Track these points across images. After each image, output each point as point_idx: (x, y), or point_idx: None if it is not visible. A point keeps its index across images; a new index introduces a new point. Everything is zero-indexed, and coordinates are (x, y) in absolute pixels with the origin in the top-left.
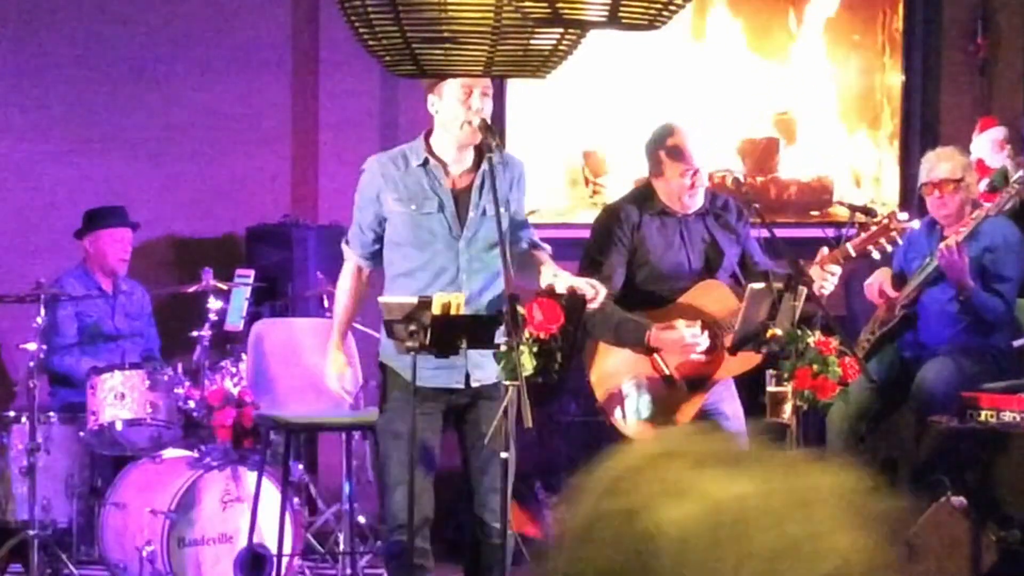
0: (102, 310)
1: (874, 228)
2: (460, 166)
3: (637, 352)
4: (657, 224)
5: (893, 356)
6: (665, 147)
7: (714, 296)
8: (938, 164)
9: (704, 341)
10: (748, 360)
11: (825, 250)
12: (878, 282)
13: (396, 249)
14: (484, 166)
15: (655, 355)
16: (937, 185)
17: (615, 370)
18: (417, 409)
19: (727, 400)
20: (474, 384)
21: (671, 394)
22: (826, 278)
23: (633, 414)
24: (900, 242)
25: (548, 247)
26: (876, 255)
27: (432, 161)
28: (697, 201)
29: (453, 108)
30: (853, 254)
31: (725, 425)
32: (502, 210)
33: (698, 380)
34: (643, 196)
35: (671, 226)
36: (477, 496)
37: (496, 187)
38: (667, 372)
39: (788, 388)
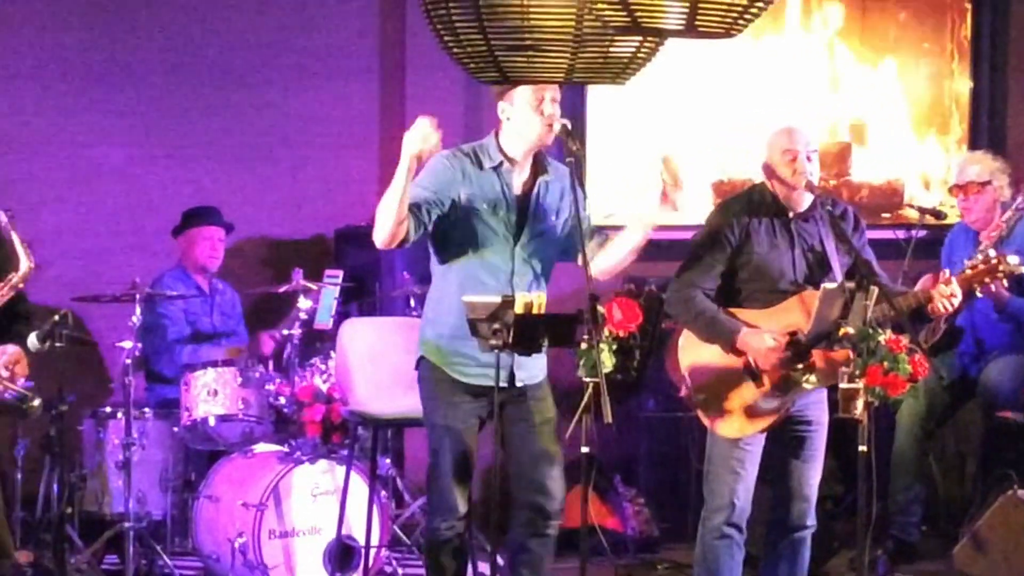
0: (200, 309)
1: (981, 267)
2: (523, 172)
3: (725, 351)
4: (766, 225)
5: (956, 356)
6: (773, 141)
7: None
8: (967, 167)
9: (783, 359)
10: (835, 372)
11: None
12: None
13: (454, 245)
14: (542, 175)
15: (747, 355)
16: (963, 188)
17: (706, 365)
18: (461, 405)
19: (814, 406)
20: (518, 384)
21: (759, 394)
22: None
23: None
24: (1006, 284)
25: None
26: (979, 293)
27: (505, 164)
28: (807, 198)
29: (526, 114)
30: (957, 291)
31: (807, 433)
32: (562, 218)
33: (787, 384)
34: (755, 197)
35: (780, 228)
36: (530, 481)
37: (576, 190)
38: (758, 373)
39: (860, 385)
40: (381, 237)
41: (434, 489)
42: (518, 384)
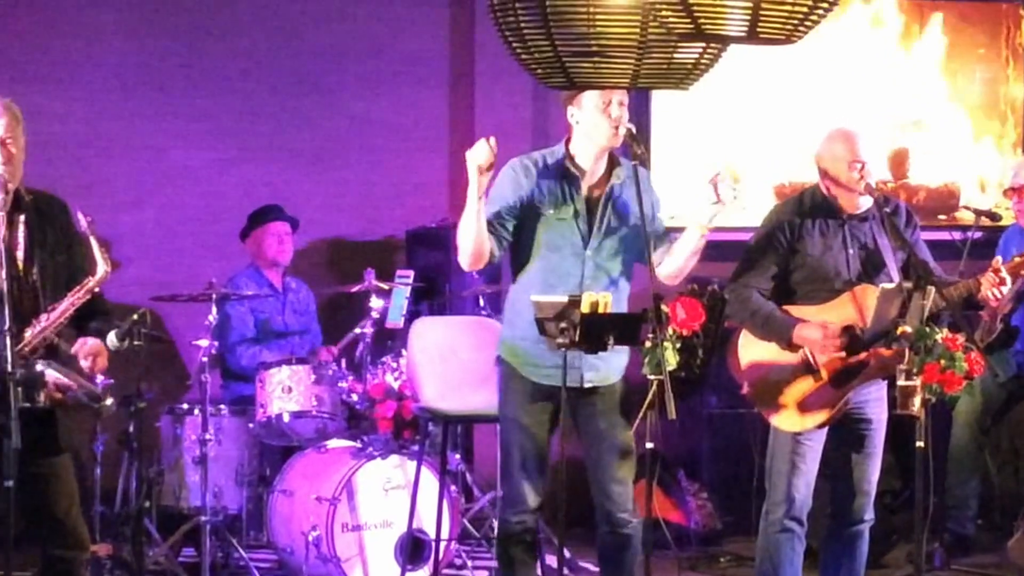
0: (272, 307)
1: None
2: (594, 177)
3: (782, 347)
4: (820, 226)
5: (1011, 354)
6: (834, 148)
7: (869, 302)
8: (1021, 170)
9: (838, 346)
10: (892, 364)
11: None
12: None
13: (526, 250)
14: (614, 179)
15: (804, 349)
16: (1017, 191)
17: (763, 360)
18: (533, 403)
19: (873, 403)
20: (587, 384)
21: (816, 389)
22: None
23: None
24: None
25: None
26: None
27: (572, 170)
28: (866, 200)
29: (594, 117)
30: (1007, 278)
31: (866, 431)
32: (636, 221)
33: (844, 377)
34: (809, 199)
35: (834, 229)
36: (600, 487)
37: (641, 193)
38: (815, 366)
39: (917, 382)
40: (465, 258)
41: (505, 483)
42: (587, 385)
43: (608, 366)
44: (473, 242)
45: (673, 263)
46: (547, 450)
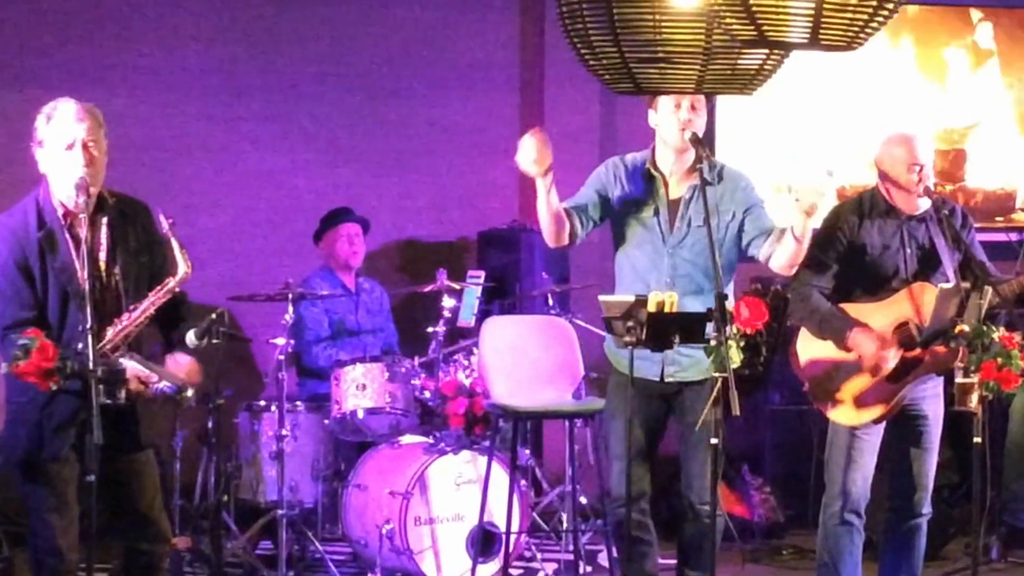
0: (346, 307)
1: None
2: (678, 178)
3: (838, 347)
4: (879, 226)
5: None
6: (893, 150)
7: (927, 299)
8: None
9: (891, 362)
10: (946, 359)
11: None
12: None
13: (618, 250)
14: (695, 180)
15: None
16: None
17: (821, 357)
18: (631, 395)
19: (930, 400)
20: (667, 379)
21: (873, 384)
22: None
23: None
24: None
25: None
26: None
27: (653, 171)
28: (923, 201)
29: (666, 119)
30: None
31: (923, 427)
32: (723, 222)
33: (900, 373)
34: (867, 200)
35: (892, 229)
36: (685, 479)
37: (706, 197)
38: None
39: (975, 379)
40: (548, 238)
41: (605, 474)
42: (667, 379)
43: (693, 363)
44: (546, 224)
45: (782, 255)
46: (638, 442)
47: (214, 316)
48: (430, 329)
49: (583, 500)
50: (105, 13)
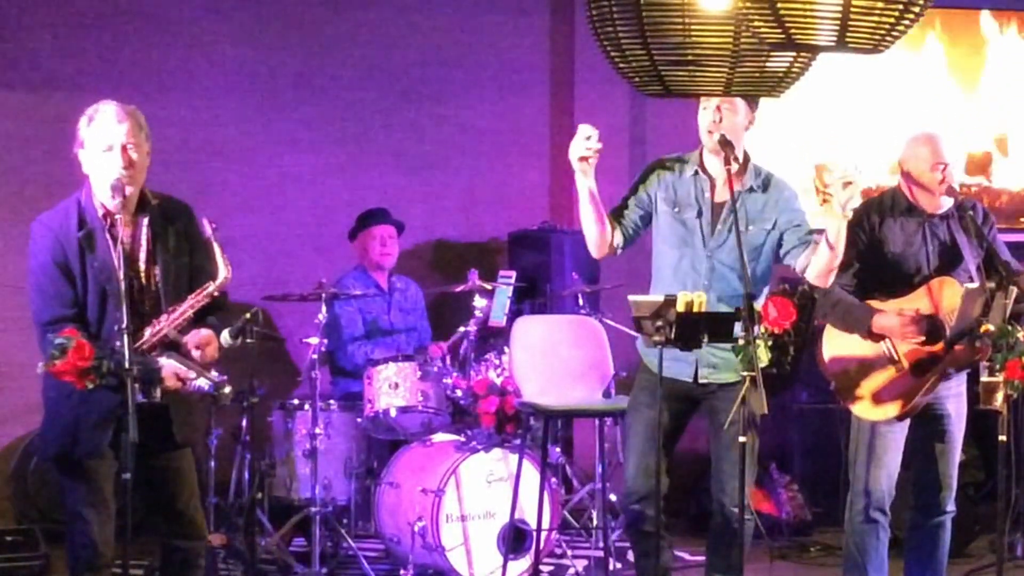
0: (379, 307)
1: None
2: (723, 181)
3: (863, 337)
4: (900, 224)
5: None
6: (917, 150)
7: (947, 293)
8: None
9: (916, 332)
10: (969, 354)
11: None
12: None
13: (657, 247)
14: (738, 186)
15: (885, 339)
16: None
17: (846, 353)
18: (657, 394)
19: (953, 398)
20: (702, 381)
21: (896, 379)
22: None
23: None
24: None
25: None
26: None
27: (701, 173)
28: (946, 201)
29: (701, 120)
30: None
31: (946, 425)
32: (763, 228)
33: (924, 367)
34: (889, 199)
35: (914, 226)
36: (716, 479)
37: (735, 199)
38: (895, 356)
39: (1000, 378)
40: (591, 247)
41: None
42: (701, 381)
43: (727, 365)
44: (588, 228)
45: (818, 264)
46: (661, 439)
47: (248, 315)
48: (462, 328)
49: (613, 498)
50: (141, 16)
